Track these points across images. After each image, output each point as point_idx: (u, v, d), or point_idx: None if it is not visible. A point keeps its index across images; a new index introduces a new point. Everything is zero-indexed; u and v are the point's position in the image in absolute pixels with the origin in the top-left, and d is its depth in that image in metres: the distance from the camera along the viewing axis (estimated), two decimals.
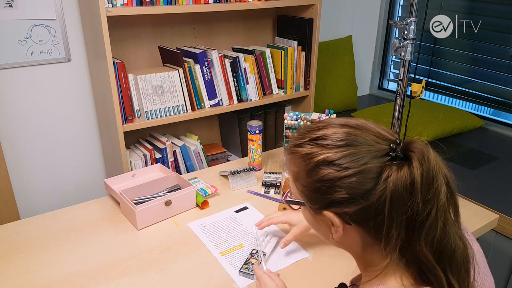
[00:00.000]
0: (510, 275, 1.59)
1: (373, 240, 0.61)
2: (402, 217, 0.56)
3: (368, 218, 0.58)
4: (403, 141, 0.60)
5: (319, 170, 0.60)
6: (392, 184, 0.56)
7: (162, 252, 1.13)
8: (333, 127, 0.62)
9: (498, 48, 2.31)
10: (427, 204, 0.56)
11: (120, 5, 1.51)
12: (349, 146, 0.59)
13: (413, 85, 1.53)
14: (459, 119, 2.25)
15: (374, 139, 0.60)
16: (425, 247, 0.57)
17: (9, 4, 1.57)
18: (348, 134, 0.61)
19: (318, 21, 1.99)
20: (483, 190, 1.70)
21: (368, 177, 0.57)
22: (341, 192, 0.58)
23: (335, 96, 2.57)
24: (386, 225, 0.57)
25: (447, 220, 0.58)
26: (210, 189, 1.40)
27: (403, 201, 0.56)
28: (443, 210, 0.57)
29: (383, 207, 0.56)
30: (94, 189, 1.97)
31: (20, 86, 1.69)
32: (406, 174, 0.56)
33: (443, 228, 0.57)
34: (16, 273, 1.04)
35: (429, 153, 0.57)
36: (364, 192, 0.57)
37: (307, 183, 0.62)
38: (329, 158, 0.59)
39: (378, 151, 0.58)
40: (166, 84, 1.71)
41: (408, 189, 0.56)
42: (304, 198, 0.65)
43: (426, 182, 0.56)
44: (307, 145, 0.62)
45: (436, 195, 0.56)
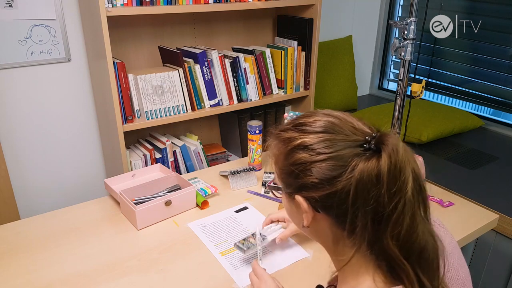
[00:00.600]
0: (510, 275, 1.59)
1: (340, 232, 0.62)
2: (367, 208, 0.57)
3: (333, 205, 0.60)
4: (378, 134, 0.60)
5: (295, 153, 0.62)
6: (358, 174, 0.56)
7: (162, 252, 1.13)
8: (316, 115, 0.65)
9: (498, 48, 2.31)
10: (393, 197, 0.56)
11: (120, 5, 1.51)
12: (326, 133, 0.61)
13: (413, 85, 1.53)
14: (459, 119, 2.25)
15: (352, 130, 0.61)
16: (391, 241, 0.57)
17: (9, 4, 1.57)
18: (328, 122, 0.63)
19: (318, 21, 1.99)
20: (483, 190, 1.70)
21: (337, 164, 0.58)
22: (311, 176, 0.60)
23: (335, 96, 2.57)
24: (350, 214, 0.58)
25: (415, 215, 0.58)
26: (210, 189, 1.40)
27: (368, 192, 0.56)
28: (410, 205, 0.57)
29: (347, 196, 0.57)
30: (94, 189, 1.97)
31: (20, 86, 1.69)
32: (373, 165, 0.56)
33: (410, 224, 0.57)
34: (16, 273, 1.04)
35: (399, 147, 0.57)
36: (331, 178, 0.58)
37: (283, 165, 0.65)
38: (305, 143, 0.61)
39: (352, 141, 0.60)
40: (166, 84, 1.71)
41: (374, 180, 0.56)
42: (281, 182, 0.67)
43: (392, 175, 0.56)
44: (289, 130, 0.65)
45: (403, 189, 0.56)
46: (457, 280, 0.70)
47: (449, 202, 1.37)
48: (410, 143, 2.12)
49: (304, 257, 1.10)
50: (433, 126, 2.15)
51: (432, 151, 2.07)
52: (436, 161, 1.97)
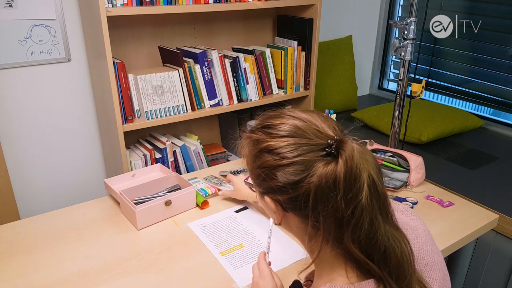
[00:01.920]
0: (510, 275, 1.59)
1: (309, 230, 0.63)
2: (326, 212, 0.58)
3: (298, 208, 0.61)
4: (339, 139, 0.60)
5: (261, 156, 0.63)
6: (317, 179, 0.57)
7: (162, 252, 1.13)
8: (283, 117, 0.65)
9: (498, 48, 2.31)
10: (349, 203, 0.57)
11: (120, 5, 1.51)
12: (290, 138, 0.61)
13: (413, 85, 1.53)
14: (459, 119, 2.25)
15: (315, 133, 0.61)
16: (352, 244, 0.58)
17: (9, 4, 1.57)
18: (293, 126, 0.63)
19: (318, 21, 1.99)
20: (483, 190, 1.70)
21: (299, 169, 0.59)
22: (276, 180, 0.61)
23: (335, 96, 2.57)
24: (312, 218, 0.59)
25: (373, 220, 0.58)
26: (210, 189, 1.40)
27: (326, 197, 0.57)
28: (368, 210, 0.57)
29: (307, 201, 0.58)
30: (94, 189, 1.97)
31: (20, 86, 1.69)
32: (331, 170, 0.57)
33: (369, 229, 0.58)
34: (16, 273, 1.04)
35: (355, 152, 0.57)
36: (294, 183, 0.59)
37: (252, 167, 0.66)
38: (270, 147, 0.62)
39: (315, 145, 0.60)
40: (166, 84, 1.71)
41: (331, 186, 0.57)
42: (252, 181, 0.69)
43: (348, 181, 0.57)
44: (257, 132, 0.66)
45: (358, 195, 0.57)
46: (432, 266, 0.71)
47: (449, 202, 1.37)
48: (410, 143, 2.12)
49: (304, 257, 1.10)
50: (433, 126, 2.15)
51: (432, 151, 2.07)
52: (436, 161, 1.97)
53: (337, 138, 0.60)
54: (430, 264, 0.71)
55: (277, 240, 1.18)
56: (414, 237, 0.73)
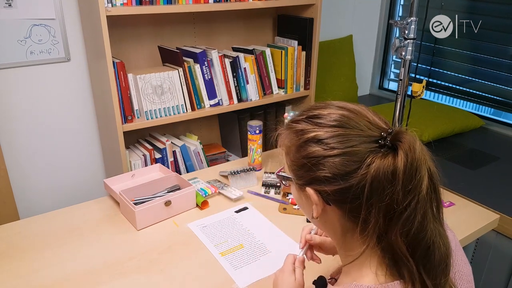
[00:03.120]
0: (510, 275, 1.59)
1: (351, 225, 0.62)
2: (381, 204, 0.57)
3: (346, 200, 0.59)
4: (394, 131, 0.60)
5: (308, 146, 0.62)
6: (374, 170, 0.56)
7: (162, 252, 1.12)
8: (330, 108, 0.64)
9: (498, 47, 2.30)
10: (407, 195, 0.56)
11: (120, 5, 1.51)
12: (340, 128, 0.60)
13: (413, 85, 1.53)
14: (459, 119, 2.25)
15: (367, 124, 0.61)
16: (400, 238, 0.57)
17: (9, 3, 1.56)
18: (342, 116, 0.62)
19: (318, 20, 1.98)
20: (484, 190, 1.69)
21: (352, 160, 0.58)
22: (324, 170, 0.60)
23: (336, 96, 2.57)
24: (364, 210, 0.58)
25: (426, 214, 0.58)
26: (210, 189, 1.40)
27: (383, 189, 0.56)
28: (423, 203, 0.57)
29: (362, 192, 0.57)
30: (94, 189, 1.97)
31: (19, 86, 1.68)
32: (389, 162, 0.56)
33: (421, 222, 0.57)
34: (16, 273, 1.04)
35: (416, 145, 0.58)
36: (345, 174, 0.58)
37: (295, 158, 0.64)
38: (319, 136, 0.61)
39: (367, 137, 0.59)
40: (166, 84, 1.71)
41: (389, 178, 0.56)
42: (292, 173, 0.67)
43: (408, 173, 0.56)
44: (302, 122, 0.64)
45: (418, 187, 0.57)
46: (461, 276, 0.70)
47: (449, 202, 1.37)
48: None
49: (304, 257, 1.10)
50: (434, 126, 2.14)
51: (433, 151, 2.05)
52: (436, 161, 1.96)
53: (391, 130, 0.60)
54: (459, 273, 0.70)
55: (277, 241, 1.17)
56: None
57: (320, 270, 1.05)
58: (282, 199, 1.39)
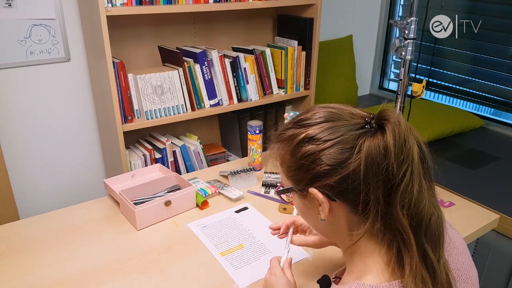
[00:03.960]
0: (510, 276, 1.59)
1: (357, 218, 0.63)
2: (377, 178, 0.59)
3: (348, 187, 0.61)
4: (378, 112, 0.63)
5: (301, 147, 0.64)
6: (366, 149, 0.59)
7: (162, 252, 1.12)
8: (314, 109, 0.67)
9: (498, 47, 2.30)
10: (401, 165, 0.58)
11: (120, 5, 1.51)
12: (328, 122, 0.63)
13: (413, 85, 1.53)
14: (459, 119, 2.25)
15: (351, 115, 0.64)
16: (401, 211, 0.58)
17: (9, 4, 1.56)
18: (327, 112, 0.65)
19: (318, 20, 1.99)
20: (484, 190, 1.69)
21: (345, 147, 0.60)
22: (322, 164, 0.61)
23: (336, 96, 2.57)
24: (363, 190, 0.59)
25: (422, 183, 0.60)
26: (210, 189, 1.40)
27: (378, 164, 0.59)
28: (417, 172, 0.59)
29: (359, 173, 0.59)
30: (94, 189, 1.97)
31: (19, 86, 1.69)
32: (379, 139, 0.59)
33: (418, 191, 0.59)
34: (16, 273, 1.04)
35: (400, 118, 0.61)
36: (343, 161, 0.60)
37: (291, 162, 0.66)
38: (310, 135, 0.63)
39: (354, 125, 0.62)
40: (166, 84, 1.71)
41: (382, 153, 0.59)
42: (291, 181, 0.68)
43: (398, 144, 0.59)
44: (290, 129, 0.67)
45: (410, 155, 0.59)
46: (466, 279, 0.70)
47: (449, 202, 1.37)
48: None
49: (304, 257, 1.10)
50: (434, 126, 2.14)
51: (433, 151, 2.06)
52: (436, 161, 1.95)
53: (373, 115, 0.63)
54: (464, 277, 0.70)
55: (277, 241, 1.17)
56: (452, 247, 0.72)
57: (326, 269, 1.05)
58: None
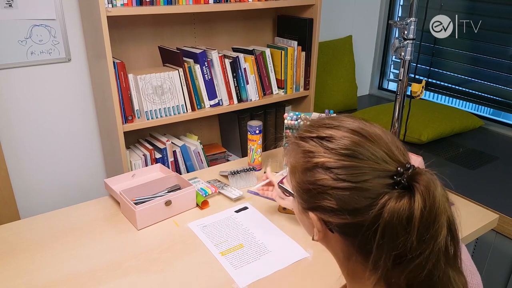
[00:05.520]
0: (510, 275, 1.59)
1: (357, 252, 0.58)
2: (393, 252, 0.52)
3: (353, 235, 0.56)
4: (413, 169, 0.54)
5: (315, 172, 0.57)
6: (388, 214, 0.51)
7: (162, 252, 1.13)
8: (344, 131, 0.58)
9: (498, 48, 2.31)
10: (422, 244, 0.51)
11: (120, 5, 1.51)
12: (353, 158, 0.55)
13: (413, 85, 1.53)
14: (459, 119, 2.25)
15: (383, 156, 0.55)
16: (404, 282, 0.53)
17: (9, 4, 1.57)
18: (356, 145, 0.56)
19: (318, 21, 1.99)
20: (483, 190, 1.69)
21: (363, 196, 0.53)
22: (331, 201, 0.55)
23: (335, 96, 2.57)
24: (375, 253, 0.53)
25: (438, 262, 0.53)
26: (210, 189, 1.40)
27: (396, 235, 0.51)
28: (437, 252, 0.52)
29: (373, 235, 0.53)
30: (94, 189, 1.97)
31: (20, 86, 1.69)
32: (405, 206, 0.51)
33: (431, 270, 0.52)
34: (16, 273, 1.04)
35: (436, 190, 0.52)
36: (354, 209, 0.54)
37: (300, 180, 0.59)
38: (328, 164, 0.55)
39: (382, 171, 0.54)
40: (166, 84, 1.71)
41: (404, 224, 0.51)
42: (295, 192, 0.63)
43: (426, 221, 0.51)
44: (311, 141, 0.59)
45: (435, 237, 0.52)
46: None
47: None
48: (410, 143, 2.12)
49: (304, 257, 1.10)
50: (433, 126, 2.15)
51: (432, 151, 2.07)
52: (436, 161, 1.97)
53: (409, 166, 0.54)
54: None
55: (277, 241, 1.18)
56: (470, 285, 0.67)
57: (325, 269, 1.05)
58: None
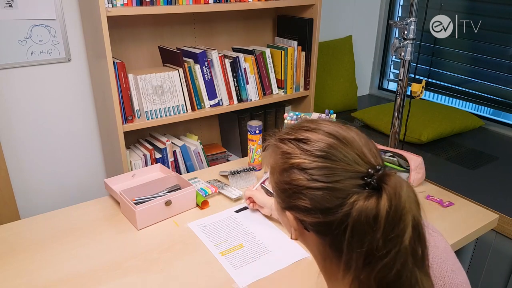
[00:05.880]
0: (510, 275, 1.59)
1: (331, 252, 0.60)
2: (361, 249, 0.54)
3: (326, 233, 0.58)
4: (383, 170, 0.57)
5: (291, 173, 0.60)
6: (356, 213, 0.54)
7: (162, 252, 1.13)
8: (321, 133, 0.61)
9: (498, 48, 2.31)
10: (388, 243, 0.53)
11: (120, 5, 1.51)
12: (327, 159, 0.58)
13: (413, 85, 1.53)
14: (459, 119, 2.25)
15: (355, 158, 0.58)
16: (374, 282, 0.55)
17: (9, 4, 1.57)
18: (330, 147, 0.59)
19: (318, 21, 1.99)
20: (483, 190, 1.69)
21: (334, 195, 0.56)
22: (305, 200, 0.58)
23: (335, 96, 2.57)
24: (346, 251, 0.56)
25: (406, 263, 0.55)
26: (210, 189, 1.40)
27: (364, 234, 0.54)
28: (404, 253, 0.54)
29: (343, 233, 0.55)
30: (94, 189, 1.97)
31: (20, 86, 1.69)
32: (372, 205, 0.54)
33: (399, 270, 0.54)
34: (16, 273, 1.04)
35: (402, 191, 0.54)
36: (326, 209, 0.56)
37: (278, 180, 0.63)
38: (303, 165, 0.59)
39: (353, 172, 0.57)
40: (166, 84, 1.71)
41: (371, 222, 0.54)
42: (274, 192, 0.66)
43: (391, 220, 0.53)
44: (289, 143, 0.62)
45: (400, 236, 0.54)
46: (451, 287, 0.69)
47: (449, 202, 1.37)
48: (410, 143, 2.12)
49: (304, 257, 1.10)
50: (433, 126, 2.15)
51: (432, 151, 2.07)
52: (436, 161, 1.97)
53: (379, 168, 0.57)
54: (449, 285, 0.70)
55: (277, 241, 1.18)
56: (432, 256, 0.70)
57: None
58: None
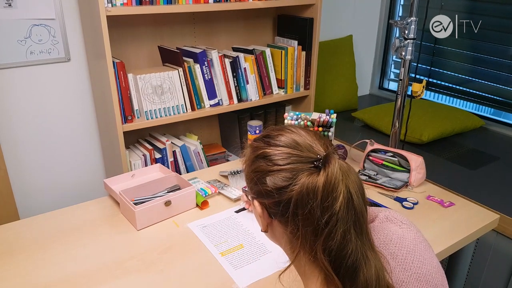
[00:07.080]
0: (510, 276, 1.59)
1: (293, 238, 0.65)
2: (304, 218, 0.61)
3: (281, 213, 0.65)
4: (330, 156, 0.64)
5: (257, 162, 0.69)
6: (299, 187, 0.62)
7: (162, 252, 1.12)
8: (284, 130, 0.70)
9: (498, 48, 2.30)
10: (324, 212, 0.60)
11: (120, 5, 1.51)
12: (285, 147, 0.67)
13: (413, 85, 1.53)
14: (459, 119, 2.25)
15: (309, 147, 0.66)
16: (323, 254, 0.61)
17: (9, 3, 1.56)
18: (290, 139, 0.68)
19: (318, 20, 1.99)
20: (484, 190, 1.69)
21: (287, 176, 0.64)
22: (265, 184, 0.66)
23: (336, 96, 2.57)
24: (290, 223, 0.63)
25: (346, 233, 0.61)
26: (210, 189, 1.40)
27: (305, 204, 0.61)
28: (343, 221, 0.61)
29: (289, 206, 0.63)
30: (94, 189, 1.97)
31: (19, 86, 1.69)
32: (312, 180, 0.61)
33: (341, 240, 0.60)
34: (15, 273, 1.04)
35: (337, 166, 0.62)
36: (280, 188, 0.64)
37: (247, 172, 0.72)
38: (266, 154, 0.67)
39: (305, 158, 0.64)
40: (166, 84, 1.71)
41: (310, 194, 0.61)
42: (246, 185, 0.74)
43: (326, 190, 0.60)
44: (259, 141, 0.72)
45: (333, 204, 0.60)
46: (418, 278, 0.71)
47: (449, 202, 1.37)
48: (411, 143, 2.12)
49: None
50: (434, 126, 2.14)
51: (433, 151, 2.07)
52: (436, 161, 1.97)
53: (326, 153, 0.64)
54: (415, 275, 0.71)
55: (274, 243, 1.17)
56: (398, 247, 0.73)
57: None
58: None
